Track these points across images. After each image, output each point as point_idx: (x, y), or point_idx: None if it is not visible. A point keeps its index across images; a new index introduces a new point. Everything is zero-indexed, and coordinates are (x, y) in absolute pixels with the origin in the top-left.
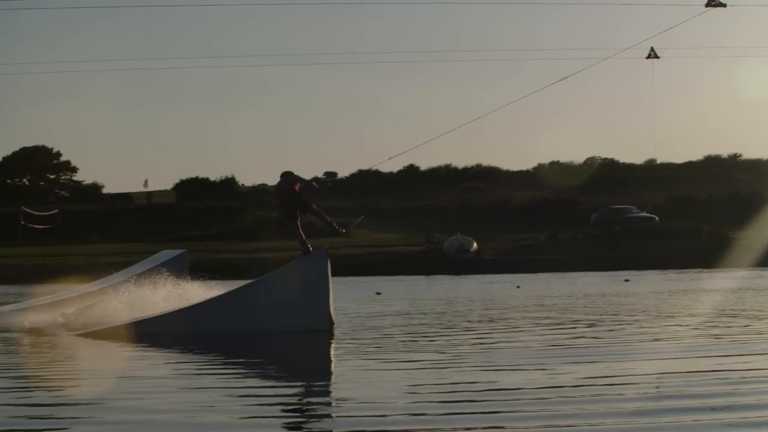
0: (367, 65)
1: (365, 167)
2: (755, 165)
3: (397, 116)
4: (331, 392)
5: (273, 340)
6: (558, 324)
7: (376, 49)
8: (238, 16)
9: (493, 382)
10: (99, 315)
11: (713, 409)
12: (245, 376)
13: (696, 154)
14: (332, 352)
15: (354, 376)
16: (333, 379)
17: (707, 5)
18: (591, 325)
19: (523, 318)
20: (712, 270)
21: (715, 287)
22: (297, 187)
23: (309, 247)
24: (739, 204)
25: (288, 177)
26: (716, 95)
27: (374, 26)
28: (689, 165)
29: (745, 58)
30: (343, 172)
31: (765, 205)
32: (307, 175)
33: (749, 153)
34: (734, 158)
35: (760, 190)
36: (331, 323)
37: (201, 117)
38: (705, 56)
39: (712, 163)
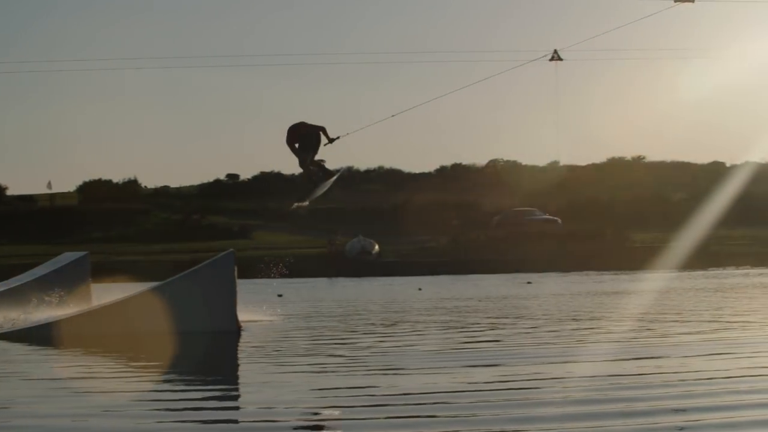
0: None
1: (267, 169)
2: (659, 167)
3: (296, 118)
4: (233, 397)
5: (178, 342)
6: (460, 327)
7: (280, 51)
8: (132, 16)
9: (395, 386)
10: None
11: (624, 414)
12: (145, 379)
13: (599, 156)
14: (237, 355)
15: (257, 380)
16: (236, 382)
17: (676, 0)
18: (493, 328)
19: (425, 320)
20: (614, 272)
21: (617, 289)
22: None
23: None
24: (643, 206)
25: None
26: (620, 97)
27: (268, 27)
28: (593, 167)
29: (650, 60)
30: (244, 175)
31: (668, 206)
32: None
33: (653, 155)
34: (638, 160)
35: (663, 192)
36: (238, 326)
37: (103, 118)
38: (608, 59)
39: (615, 165)
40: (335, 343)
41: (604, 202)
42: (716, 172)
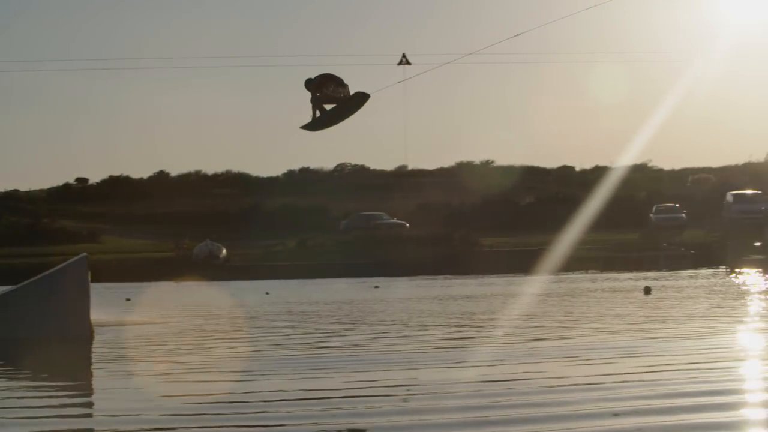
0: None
1: (116, 173)
2: (508, 171)
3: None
4: (86, 404)
5: (29, 348)
6: (307, 331)
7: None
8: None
9: (249, 392)
10: None
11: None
12: None
13: (448, 161)
14: (90, 361)
15: (107, 386)
16: (89, 390)
17: None
18: (339, 333)
19: (273, 325)
20: (462, 276)
21: (464, 293)
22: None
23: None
24: (491, 210)
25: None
26: (468, 102)
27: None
28: (441, 171)
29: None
30: (93, 178)
31: (517, 210)
32: None
33: (502, 160)
34: (486, 165)
35: (511, 196)
36: (91, 331)
37: None
38: (456, 63)
39: (463, 169)
40: (186, 349)
41: (452, 206)
42: (565, 176)
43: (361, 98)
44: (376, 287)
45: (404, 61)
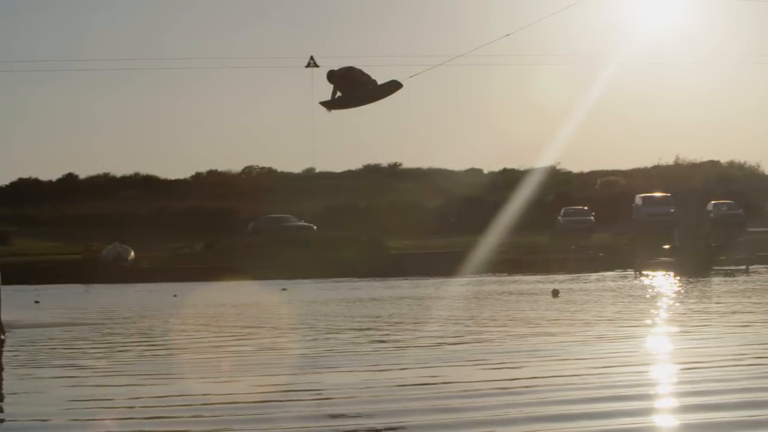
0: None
1: (25, 176)
2: (415, 174)
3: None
4: None
5: None
6: (214, 333)
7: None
8: None
9: (157, 396)
10: None
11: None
12: None
13: (355, 163)
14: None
15: (18, 389)
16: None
17: None
18: (249, 336)
19: (181, 327)
20: (369, 279)
21: (372, 296)
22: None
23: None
24: (399, 213)
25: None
26: (376, 105)
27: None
28: (348, 174)
29: (405, 67)
30: (1, 181)
31: (424, 213)
32: None
33: (409, 162)
34: (394, 167)
35: (419, 199)
36: (3, 332)
37: None
38: (364, 66)
39: (371, 172)
40: (95, 351)
41: (360, 209)
42: (473, 178)
43: (395, 86)
44: (284, 290)
45: (312, 63)
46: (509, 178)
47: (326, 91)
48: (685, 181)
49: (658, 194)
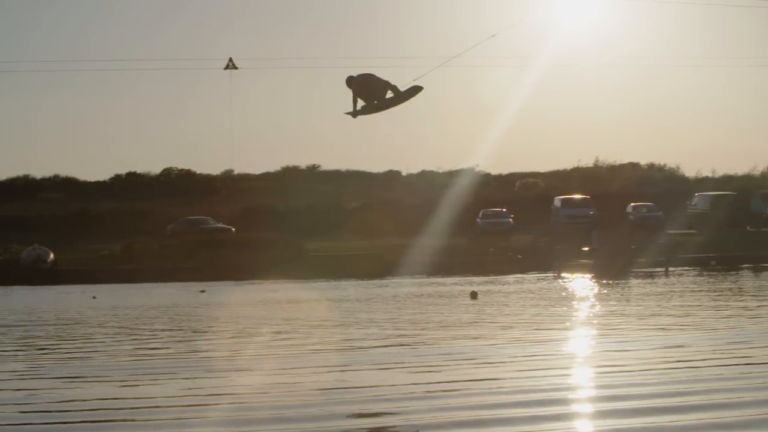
0: None
1: None
2: (334, 176)
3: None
4: None
5: None
6: (132, 335)
7: None
8: None
9: (72, 400)
10: None
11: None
12: None
13: (274, 165)
14: None
15: None
16: None
17: None
18: (165, 338)
19: (101, 330)
20: (288, 281)
21: (290, 298)
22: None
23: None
24: (317, 215)
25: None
26: (294, 107)
27: None
28: (267, 176)
29: (324, 69)
30: None
31: (343, 215)
32: None
33: (328, 164)
34: (313, 169)
35: (338, 201)
36: None
37: None
38: (283, 67)
39: (290, 173)
40: (12, 352)
41: (278, 211)
42: (391, 180)
43: (417, 90)
44: (203, 291)
45: (231, 65)
46: (428, 180)
47: (246, 92)
48: (605, 183)
49: (577, 196)
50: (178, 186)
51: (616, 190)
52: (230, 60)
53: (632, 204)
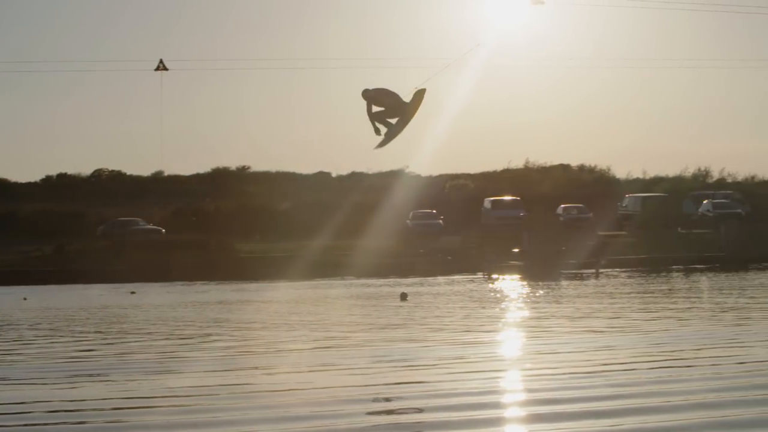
0: None
1: None
2: (264, 177)
3: None
4: None
5: None
6: (62, 337)
7: None
8: None
9: (3, 403)
10: None
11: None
12: None
13: (204, 167)
14: None
15: None
16: None
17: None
18: (98, 339)
19: (30, 330)
20: (218, 282)
21: (220, 299)
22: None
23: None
24: (248, 216)
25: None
26: (224, 108)
27: None
28: (197, 177)
29: (255, 71)
30: None
31: (274, 216)
32: None
33: (258, 165)
34: (243, 171)
35: (268, 202)
36: None
37: None
38: (213, 69)
39: (220, 175)
40: None
41: (208, 212)
42: (321, 182)
43: (422, 94)
44: (133, 293)
45: (161, 66)
46: (358, 182)
47: (176, 94)
48: (535, 185)
49: (507, 198)
50: (109, 187)
51: (547, 191)
52: (161, 61)
53: (562, 205)
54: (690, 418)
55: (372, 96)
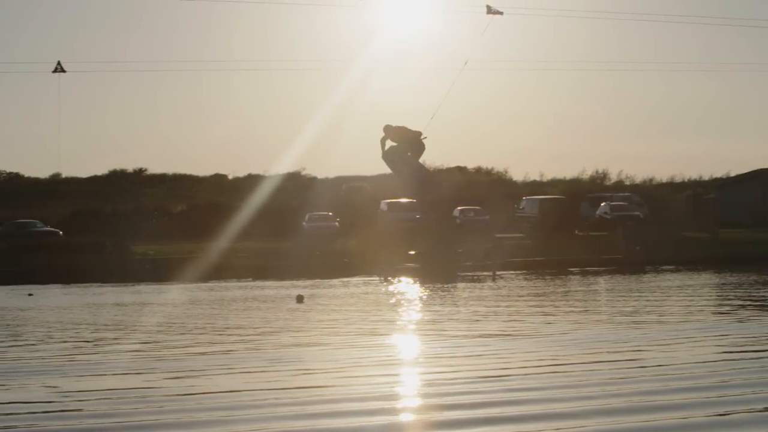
0: None
1: None
2: (160, 179)
3: None
4: None
5: None
6: None
7: None
8: None
9: None
10: None
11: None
12: None
13: (101, 169)
14: None
15: None
16: None
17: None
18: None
19: None
20: (115, 284)
21: (116, 301)
22: None
23: None
24: (144, 218)
25: None
26: (122, 110)
27: None
28: (94, 179)
29: (153, 73)
30: None
31: (170, 218)
32: None
33: (154, 168)
34: (140, 173)
35: (164, 204)
36: None
37: None
38: (111, 71)
39: (117, 177)
40: None
41: (105, 214)
42: (218, 184)
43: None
44: (30, 295)
45: (59, 68)
46: (254, 184)
47: (74, 96)
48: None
49: (404, 200)
50: (6, 189)
51: (443, 194)
52: (58, 63)
53: (459, 207)
54: (588, 424)
55: (395, 131)
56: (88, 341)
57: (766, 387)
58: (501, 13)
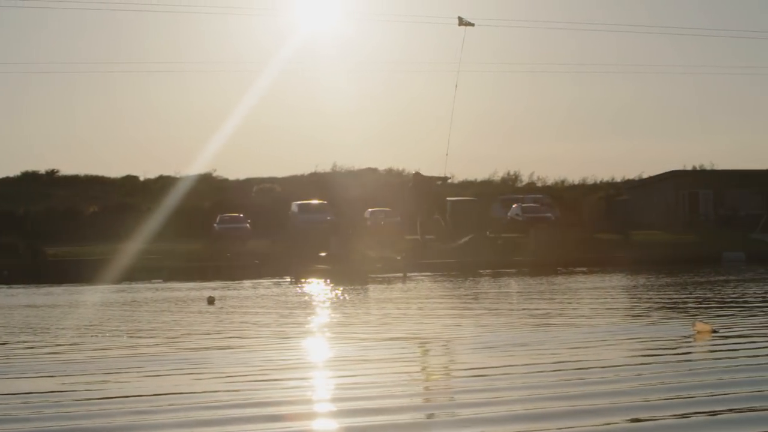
0: None
1: None
2: (72, 181)
3: None
4: None
5: None
6: None
7: None
8: None
9: None
10: None
11: None
12: None
13: (13, 170)
14: None
15: None
16: None
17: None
18: None
19: None
20: (27, 286)
21: (29, 303)
22: None
23: None
24: (56, 219)
25: None
26: (32, 111)
27: None
28: (6, 181)
29: (70, 74)
30: None
31: (81, 220)
32: None
33: (66, 169)
34: (51, 174)
35: (75, 205)
36: None
37: None
38: (22, 72)
39: (29, 179)
40: None
41: (17, 216)
42: (130, 185)
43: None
44: None
45: None
46: (165, 185)
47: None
48: (343, 189)
49: (314, 201)
50: None
51: (355, 195)
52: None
53: (370, 209)
54: (504, 429)
55: (422, 180)
56: (4, 344)
57: (685, 390)
58: (473, 25)
